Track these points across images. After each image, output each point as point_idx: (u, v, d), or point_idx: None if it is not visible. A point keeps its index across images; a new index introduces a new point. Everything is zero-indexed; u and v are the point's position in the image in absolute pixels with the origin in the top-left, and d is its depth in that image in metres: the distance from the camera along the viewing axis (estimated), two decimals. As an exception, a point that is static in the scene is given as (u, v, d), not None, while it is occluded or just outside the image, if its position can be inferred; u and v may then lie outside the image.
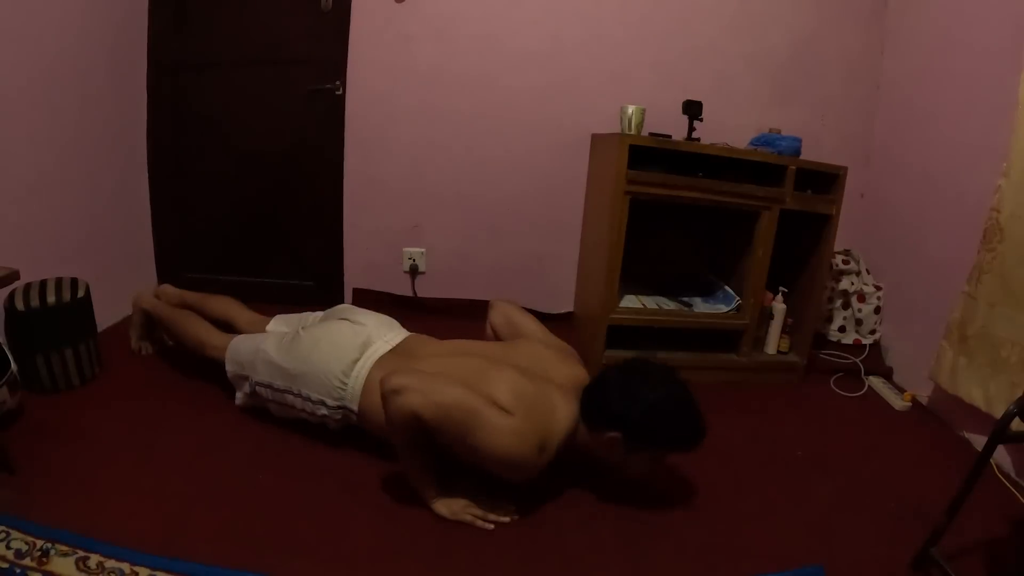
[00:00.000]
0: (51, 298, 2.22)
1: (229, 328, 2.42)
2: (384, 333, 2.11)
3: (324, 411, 1.99)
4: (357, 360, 1.97)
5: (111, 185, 2.86)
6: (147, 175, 3.15)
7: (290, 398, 2.04)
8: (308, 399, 2.00)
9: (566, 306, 3.52)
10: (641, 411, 1.73)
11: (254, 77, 3.15)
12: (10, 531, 1.54)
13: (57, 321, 2.23)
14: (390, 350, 2.03)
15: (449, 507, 1.79)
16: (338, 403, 1.96)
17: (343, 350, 2.00)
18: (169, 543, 1.56)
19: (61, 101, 2.47)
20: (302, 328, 2.15)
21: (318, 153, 3.25)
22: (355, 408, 1.94)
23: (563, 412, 1.81)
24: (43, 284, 2.26)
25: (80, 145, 2.61)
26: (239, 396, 2.23)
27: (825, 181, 2.80)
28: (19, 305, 2.15)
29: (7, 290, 2.11)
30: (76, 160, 2.60)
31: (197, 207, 3.30)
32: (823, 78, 3.34)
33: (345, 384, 1.94)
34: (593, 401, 1.83)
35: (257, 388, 2.12)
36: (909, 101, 3.14)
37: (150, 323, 2.63)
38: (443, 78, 3.18)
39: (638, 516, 1.89)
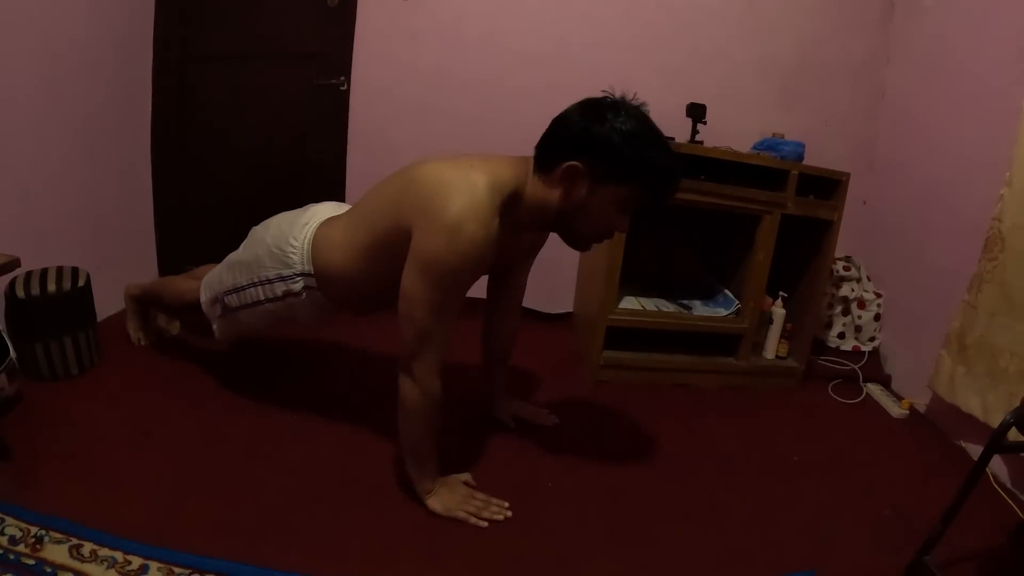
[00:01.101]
0: (52, 287, 2.22)
1: None
2: (329, 208, 2.09)
3: (283, 287, 1.96)
4: (306, 224, 1.97)
5: (114, 175, 2.87)
6: (150, 166, 3.15)
7: (253, 291, 2.02)
8: (268, 281, 1.98)
9: (565, 306, 3.52)
10: (608, 130, 1.55)
11: (259, 71, 3.16)
12: (4, 517, 1.54)
13: (57, 310, 2.24)
14: (334, 213, 2.03)
15: (443, 503, 1.79)
16: (294, 270, 1.93)
17: (290, 221, 2.01)
18: (163, 533, 1.56)
19: (66, 91, 2.47)
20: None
21: (322, 148, 3.25)
22: (310, 269, 1.91)
23: (498, 173, 1.64)
24: (44, 272, 2.27)
25: (84, 135, 2.62)
26: (215, 326, 2.23)
27: (827, 187, 2.80)
28: (19, 293, 2.16)
29: (8, 277, 2.11)
30: (80, 150, 2.60)
31: (200, 199, 3.30)
32: (828, 84, 3.34)
33: (295, 245, 1.93)
34: (549, 138, 1.67)
35: (226, 300, 2.12)
36: (913, 109, 3.14)
37: (146, 314, 2.64)
38: (447, 77, 3.18)
39: (632, 517, 1.90)
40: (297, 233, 1.95)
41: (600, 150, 1.55)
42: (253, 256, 2.02)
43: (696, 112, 2.82)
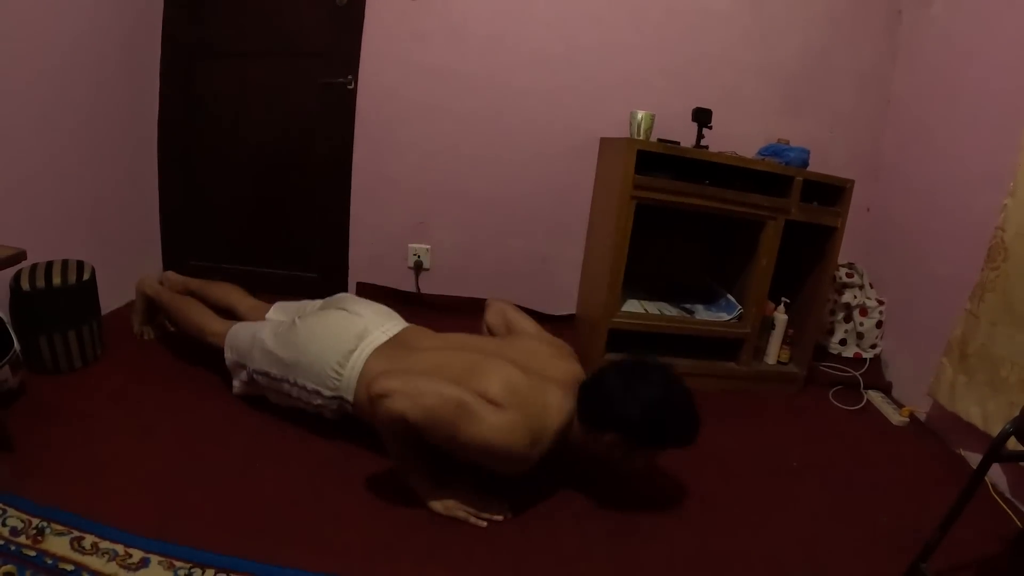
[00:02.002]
0: (57, 280, 2.23)
1: (230, 314, 2.43)
2: (382, 323, 2.11)
3: (319, 400, 2.00)
4: (353, 351, 1.97)
5: (121, 170, 2.88)
6: (157, 162, 3.16)
7: (286, 387, 2.04)
8: (304, 388, 2.00)
9: (568, 308, 3.53)
10: (642, 412, 1.72)
11: (267, 68, 3.16)
12: (6, 509, 1.55)
13: (61, 303, 2.25)
14: (387, 340, 2.03)
15: (443, 503, 1.80)
16: (333, 393, 1.96)
17: (339, 340, 2.00)
18: (163, 526, 1.57)
19: (75, 85, 2.48)
20: (299, 317, 2.15)
21: (327, 146, 3.26)
22: (350, 398, 1.94)
23: (557, 406, 1.80)
24: (49, 265, 2.28)
25: (92, 130, 2.63)
26: (236, 383, 2.24)
27: (832, 193, 2.80)
28: (25, 285, 2.16)
29: (14, 270, 2.12)
30: (87, 144, 2.61)
31: (205, 195, 3.31)
32: (834, 91, 3.34)
33: (340, 374, 1.95)
34: (591, 401, 1.82)
35: (254, 376, 2.13)
36: (918, 117, 3.15)
37: (152, 308, 2.64)
38: (454, 77, 3.19)
39: (630, 518, 1.90)
40: (343, 360, 1.96)
41: (636, 430, 1.75)
42: (293, 360, 2.02)
43: (702, 117, 2.82)
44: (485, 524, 1.77)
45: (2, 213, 2.15)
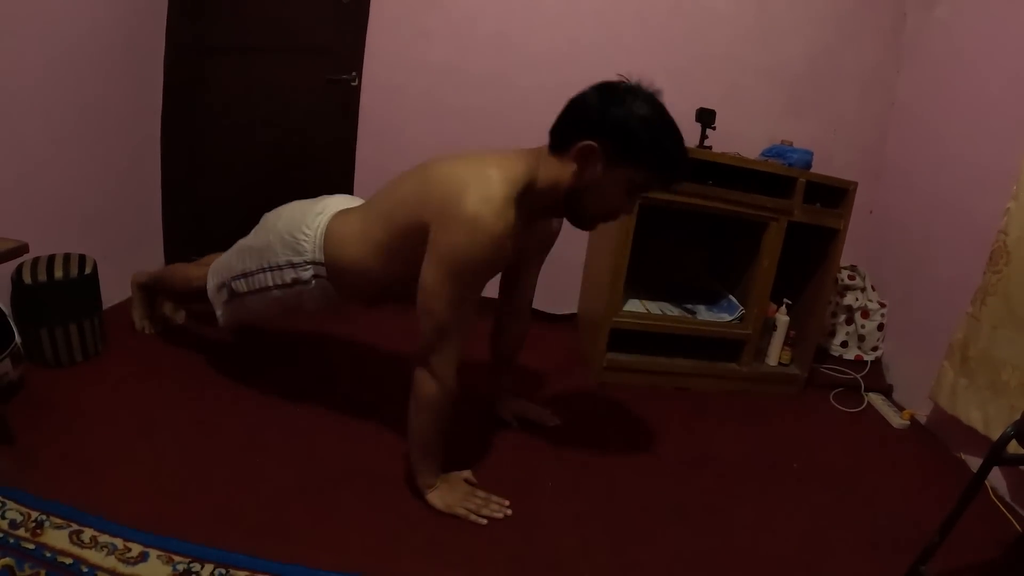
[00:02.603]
0: (59, 273, 2.23)
1: None
2: (342, 201, 2.10)
3: (293, 274, 1.97)
4: (319, 214, 1.98)
5: (124, 165, 2.87)
6: (159, 156, 3.16)
7: (262, 277, 2.03)
8: (278, 267, 1.99)
9: (570, 307, 3.52)
10: (625, 113, 1.56)
11: (271, 64, 3.16)
12: (6, 501, 1.55)
13: (63, 296, 2.25)
14: (347, 205, 2.05)
15: (443, 499, 1.80)
16: (303, 257, 1.95)
17: (303, 210, 2.03)
18: (163, 521, 1.57)
19: (78, 80, 2.48)
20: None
21: (331, 143, 3.26)
22: (321, 258, 1.93)
23: (511, 166, 1.65)
24: (51, 259, 2.28)
25: (95, 124, 2.62)
26: (219, 313, 2.24)
27: (834, 195, 2.80)
28: (27, 279, 2.17)
29: (16, 263, 2.13)
30: (90, 138, 2.61)
31: (207, 190, 3.31)
32: (838, 92, 3.33)
33: (308, 234, 1.94)
34: (565, 118, 1.67)
35: (233, 285, 2.13)
36: (922, 120, 3.14)
37: (152, 302, 2.66)
38: (458, 75, 3.19)
39: (630, 518, 1.90)
40: (310, 222, 1.96)
41: (616, 132, 1.57)
42: (264, 242, 2.03)
43: (705, 117, 2.82)
44: (485, 522, 1.77)
45: (5, 206, 2.16)
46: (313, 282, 1.97)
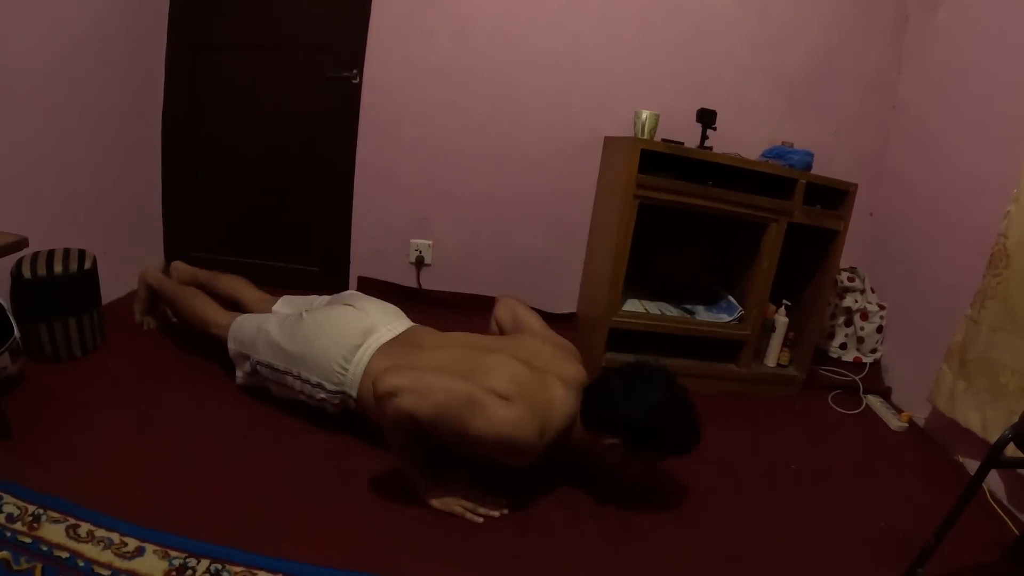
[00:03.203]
0: (58, 268, 2.23)
1: (236, 307, 2.44)
2: (388, 321, 2.12)
3: (323, 395, 2.00)
4: (359, 346, 1.98)
5: (124, 160, 2.88)
6: (160, 152, 3.17)
7: (290, 379, 2.05)
8: (307, 382, 2.01)
9: (569, 306, 3.53)
10: (643, 417, 1.74)
11: (273, 61, 3.17)
12: (3, 495, 1.55)
13: (62, 291, 2.25)
14: (393, 338, 2.04)
15: (440, 498, 1.80)
16: (337, 388, 1.97)
17: (345, 335, 2.00)
18: (160, 516, 1.57)
19: (80, 75, 2.49)
20: (306, 311, 2.15)
21: (331, 140, 3.26)
22: (354, 394, 1.95)
23: (561, 402, 1.81)
24: (51, 253, 2.28)
25: (96, 119, 2.63)
26: (239, 374, 2.24)
27: (835, 197, 2.80)
28: (26, 273, 2.17)
29: (15, 257, 2.13)
30: (91, 134, 2.61)
31: (208, 187, 3.32)
32: (839, 94, 3.33)
33: (345, 370, 1.95)
34: (594, 404, 1.83)
35: (258, 367, 2.13)
36: (923, 123, 3.14)
37: (154, 299, 2.65)
38: (460, 74, 3.19)
39: (627, 519, 1.90)
40: (349, 356, 1.97)
41: (637, 435, 1.77)
42: (297, 352, 2.02)
43: (706, 118, 2.81)
44: (482, 520, 1.77)
45: (5, 200, 2.16)
46: (339, 399, 2.01)
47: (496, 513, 1.80)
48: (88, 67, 2.52)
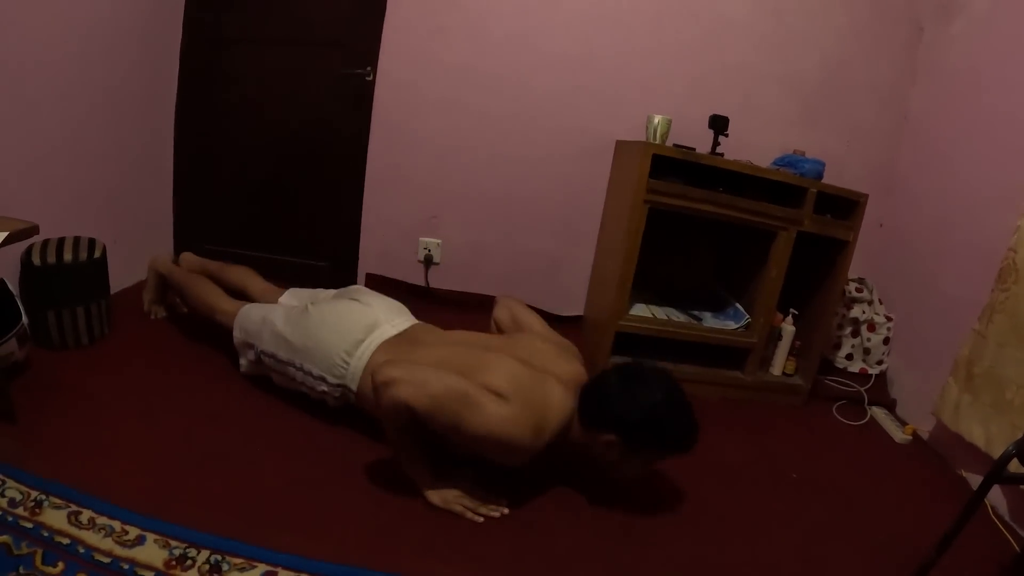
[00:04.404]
0: (68, 256, 2.25)
1: (243, 296, 2.46)
2: (392, 317, 2.13)
3: (324, 387, 2.01)
4: (362, 341, 1.99)
5: (136, 151, 2.89)
6: (172, 144, 3.18)
7: (292, 371, 2.06)
8: (309, 374, 2.02)
9: (576, 309, 3.53)
10: (640, 415, 1.74)
11: (287, 56, 3.18)
12: (6, 480, 1.56)
13: (71, 279, 2.26)
14: (396, 335, 2.05)
15: (441, 496, 1.80)
16: (338, 381, 1.98)
17: (349, 330, 2.02)
18: (162, 505, 1.58)
19: (95, 66, 2.50)
20: (311, 303, 2.17)
21: (343, 137, 3.27)
22: (354, 388, 1.97)
23: (559, 401, 1.81)
24: (61, 241, 2.29)
25: (110, 110, 2.64)
26: (243, 362, 2.25)
27: (845, 207, 2.79)
28: (36, 260, 2.18)
29: (26, 244, 2.14)
30: (104, 124, 2.62)
31: (219, 179, 3.33)
32: (852, 104, 3.32)
33: (347, 363, 1.97)
34: (591, 402, 1.83)
35: (262, 356, 2.14)
36: (935, 135, 3.13)
37: (164, 288, 2.67)
38: (473, 74, 3.19)
39: (626, 523, 1.90)
40: (351, 350, 1.99)
41: (634, 433, 1.77)
42: (301, 344, 2.04)
43: (718, 124, 2.81)
44: (482, 519, 1.77)
45: (18, 188, 2.17)
46: (339, 392, 2.02)
47: (495, 512, 1.80)
48: (103, 59, 2.54)
